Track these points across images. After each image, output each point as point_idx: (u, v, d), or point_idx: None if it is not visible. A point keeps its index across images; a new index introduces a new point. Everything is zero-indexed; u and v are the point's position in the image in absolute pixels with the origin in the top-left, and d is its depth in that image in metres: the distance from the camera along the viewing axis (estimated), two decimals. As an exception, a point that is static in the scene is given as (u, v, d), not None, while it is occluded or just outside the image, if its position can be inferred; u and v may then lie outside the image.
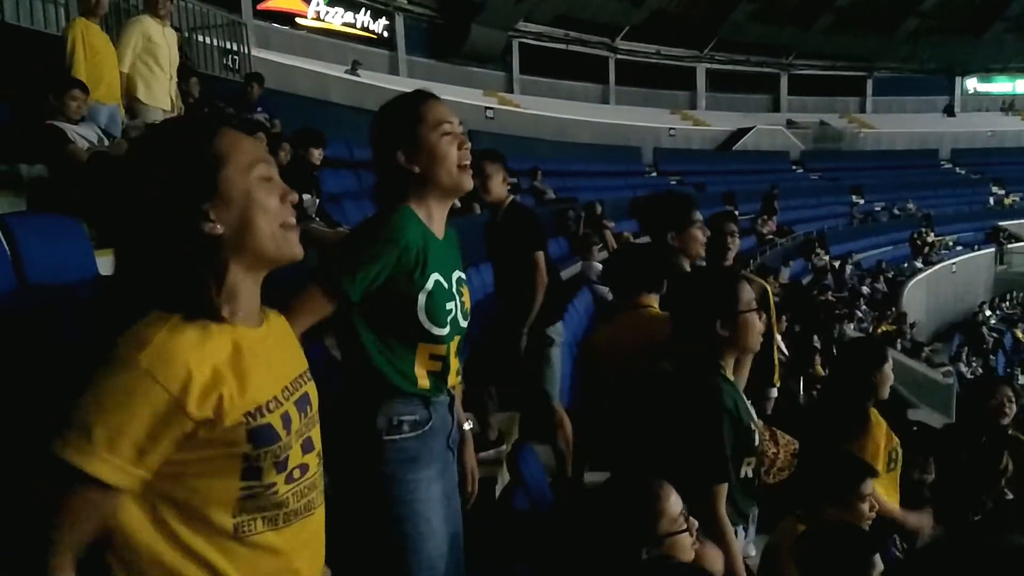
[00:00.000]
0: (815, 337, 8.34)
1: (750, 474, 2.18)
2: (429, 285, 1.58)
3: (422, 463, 1.60)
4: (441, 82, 16.21)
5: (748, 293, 2.09)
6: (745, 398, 2.21)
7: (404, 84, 14.76)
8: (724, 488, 1.98)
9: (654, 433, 2.17)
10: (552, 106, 19.08)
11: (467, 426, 1.86)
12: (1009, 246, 18.45)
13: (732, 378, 2.13)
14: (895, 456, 2.75)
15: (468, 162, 1.64)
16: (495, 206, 3.39)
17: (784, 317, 7.68)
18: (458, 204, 3.91)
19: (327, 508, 1.18)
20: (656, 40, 22.43)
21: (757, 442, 2.15)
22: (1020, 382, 12.98)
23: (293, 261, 1.05)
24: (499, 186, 3.34)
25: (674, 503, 1.67)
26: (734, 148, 21.40)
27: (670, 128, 20.99)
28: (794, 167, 22.02)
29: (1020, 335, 14.91)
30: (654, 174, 18.48)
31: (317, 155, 4.75)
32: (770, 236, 13.86)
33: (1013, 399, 3.82)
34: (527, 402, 3.67)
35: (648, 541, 1.64)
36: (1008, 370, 13.33)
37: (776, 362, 4.04)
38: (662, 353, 2.30)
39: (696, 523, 1.72)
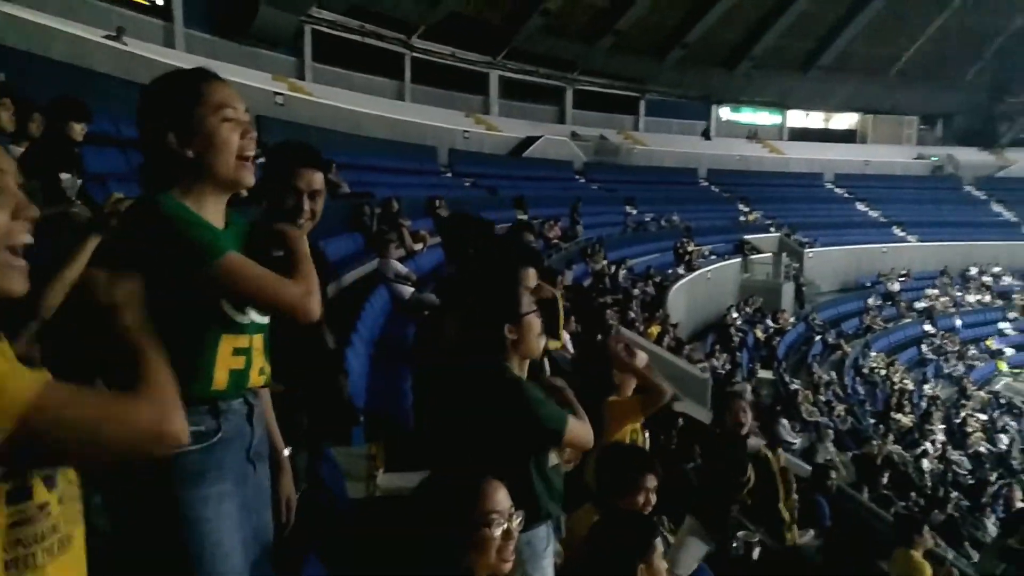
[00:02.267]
0: (598, 337, 8.87)
1: (556, 460, 2.25)
2: None
3: (210, 479, 1.41)
4: (224, 61, 15.05)
5: (528, 296, 2.20)
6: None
7: (181, 59, 13.51)
8: (572, 423, 2.12)
9: (467, 430, 2.18)
10: (346, 98, 18.54)
11: (286, 453, 1.72)
12: (752, 257, 21.02)
13: (522, 376, 2.20)
14: (635, 437, 3.36)
15: (251, 154, 1.47)
16: None
17: (572, 318, 8.10)
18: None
19: (100, 538, 1.00)
20: (452, 42, 22.70)
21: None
22: (759, 376, 14.98)
23: None
24: None
25: (502, 499, 1.65)
26: (524, 155, 22.29)
27: (464, 131, 21.35)
28: (577, 176, 23.42)
29: (759, 334, 17.09)
30: (449, 175, 18.67)
31: (79, 130, 4.12)
32: (555, 241, 14.62)
33: (747, 409, 4.36)
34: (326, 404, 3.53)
35: (470, 532, 1.61)
36: (750, 365, 15.22)
37: (544, 362, 4.26)
38: (449, 353, 2.33)
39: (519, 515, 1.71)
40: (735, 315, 17.24)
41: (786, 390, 14.15)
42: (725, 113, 30.07)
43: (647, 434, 3.80)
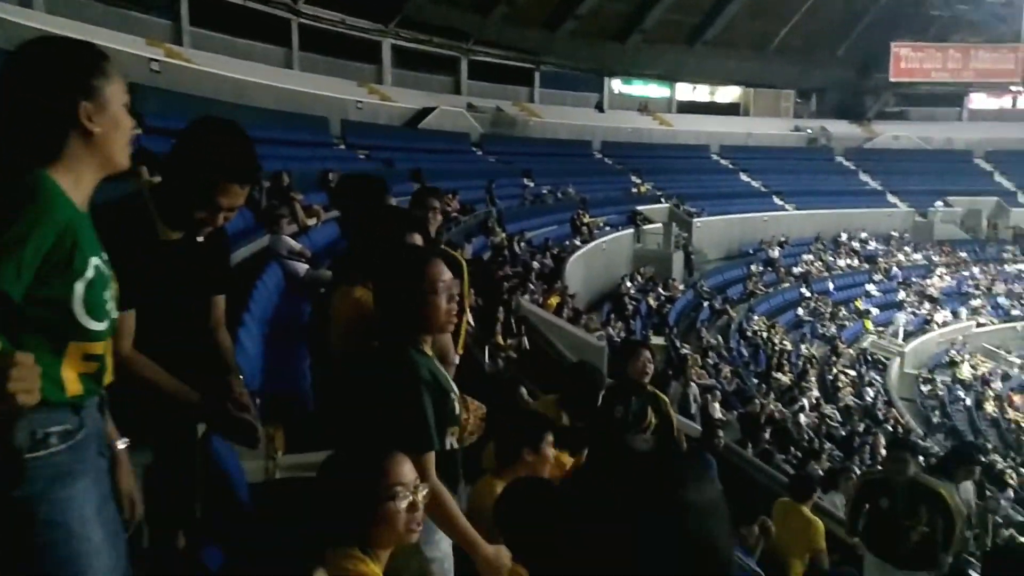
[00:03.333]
0: (499, 309, 8.97)
1: (455, 444, 2.26)
2: (89, 272, 1.33)
3: (76, 476, 1.36)
4: (90, 23, 13.98)
5: (442, 272, 2.14)
6: (442, 369, 2.29)
7: (43, 21, 12.41)
8: (431, 457, 2.02)
9: (359, 411, 2.15)
10: (229, 65, 17.59)
11: (120, 445, 1.65)
12: (644, 227, 21.72)
13: (430, 353, 2.18)
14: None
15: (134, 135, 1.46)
16: None
17: (472, 291, 8.11)
18: None
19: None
20: (341, 8, 21.89)
21: (458, 411, 2.24)
22: (652, 342, 15.59)
23: None
24: None
25: (408, 473, 1.67)
26: (420, 126, 21.97)
27: (357, 101, 20.77)
28: (475, 149, 23.35)
29: (652, 303, 17.74)
30: (343, 147, 18.15)
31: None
32: (455, 214, 14.55)
33: (651, 359, 4.55)
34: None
35: (377, 504, 1.61)
36: (644, 332, 15.80)
37: (463, 332, 4.26)
38: (372, 332, 2.28)
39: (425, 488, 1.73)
40: (629, 284, 17.81)
41: (677, 355, 14.81)
42: (617, 86, 30.65)
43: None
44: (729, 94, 33.37)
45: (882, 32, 30.70)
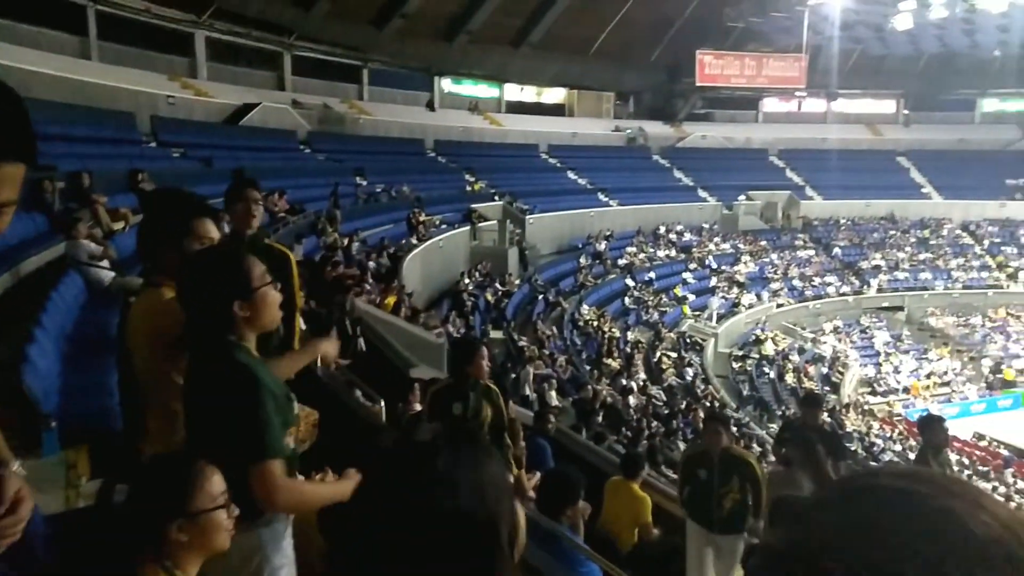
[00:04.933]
0: (332, 311, 8.72)
1: (292, 444, 2.18)
2: None
3: None
4: None
5: (260, 267, 2.06)
6: (269, 370, 2.19)
7: None
8: (279, 463, 1.93)
9: (194, 420, 2.03)
10: (12, 54, 15.64)
11: None
12: (480, 224, 22.07)
13: (256, 355, 2.09)
14: None
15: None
16: None
17: (302, 294, 7.82)
18: None
19: None
20: (146, -4, 20.26)
21: (296, 410, 2.17)
22: (491, 336, 15.87)
23: None
24: None
25: (216, 482, 1.59)
26: (241, 123, 20.81)
27: (169, 95, 19.29)
28: (302, 146, 22.51)
29: (489, 297, 18.08)
30: (153, 144, 16.78)
31: None
32: (282, 215, 13.95)
33: (487, 357, 4.64)
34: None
35: (181, 515, 1.53)
36: (483, 327, 16.07)
37: (297, 329, 4.10)
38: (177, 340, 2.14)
39: (236, 509, 1.65)
40: (467, 281, 18.02)
41: (515, 347, 15.20)
42: (447, 85, 30.82)
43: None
44: (555, 95, 34.65)
45: (689, 40, 33.25)
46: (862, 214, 33.73)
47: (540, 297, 20.08)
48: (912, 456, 13.61)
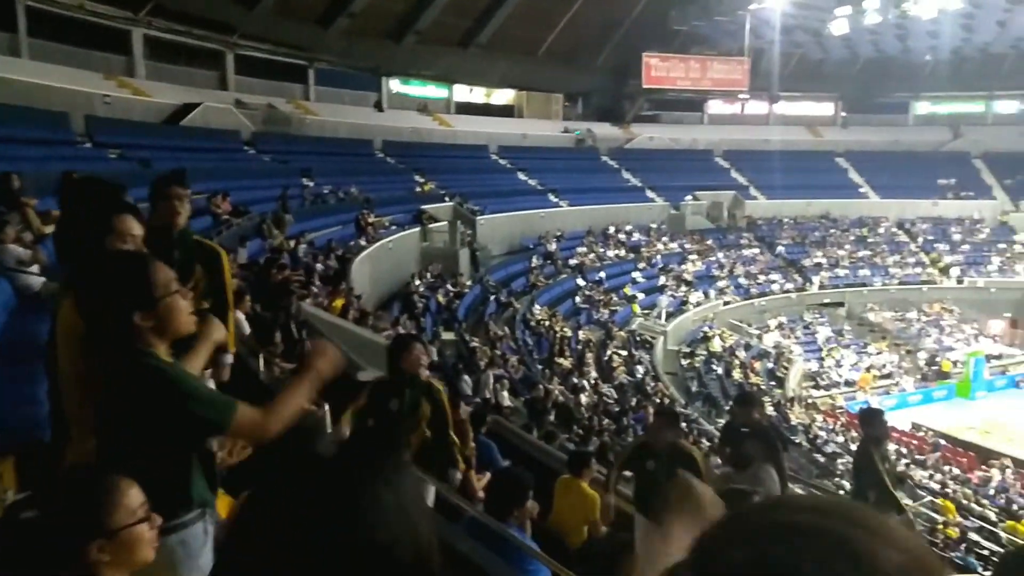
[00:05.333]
0: (278, 314, 8.56)
1: (215, 447, 2.12)
2: None
3: None
4: None
5: (165, 275, 1.97)
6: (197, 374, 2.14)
7: None
8: (240, 407, 1.93)
9: (114, 428, 1.96)
10: (-66, 50, 14.98)
11: None
12: (430, 226, 21.93)
13: (171, 360, 2.01)
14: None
15: None
16: None
17: (247, 297, 7.67)
18: None
19: None
20: (80, -9, 19.54)
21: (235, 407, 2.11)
22: (442, 337, 15.79)
23: None
24: None
25: (133, 496, 1.54)
26: (181, 123, 20.26)
27: (104, 95, 18.65)
28: (246, 147, 22.03)
29: (441, 299, 17.98)
30: (88, 145, 16.21)
31: None
32: (226, 217, 13.64)
33: (424, 351, 4.61)
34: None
35: (100, 534, 1.48)
36: (435, 328, 15.97)
37: (232, 329, 4.00)
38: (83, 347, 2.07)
39: (158, 518, 1.60)
40: (417, 282, 17.90)
41: (467, 348, 15.15)
42: (396, 85, 30.56)
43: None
44: (504, 96, 34.72)
45: (635, 43, 33.71)
46: (803, 213, 34.71)
47: (492, 298, 20.08)
48: (854, 447, 14.04)
